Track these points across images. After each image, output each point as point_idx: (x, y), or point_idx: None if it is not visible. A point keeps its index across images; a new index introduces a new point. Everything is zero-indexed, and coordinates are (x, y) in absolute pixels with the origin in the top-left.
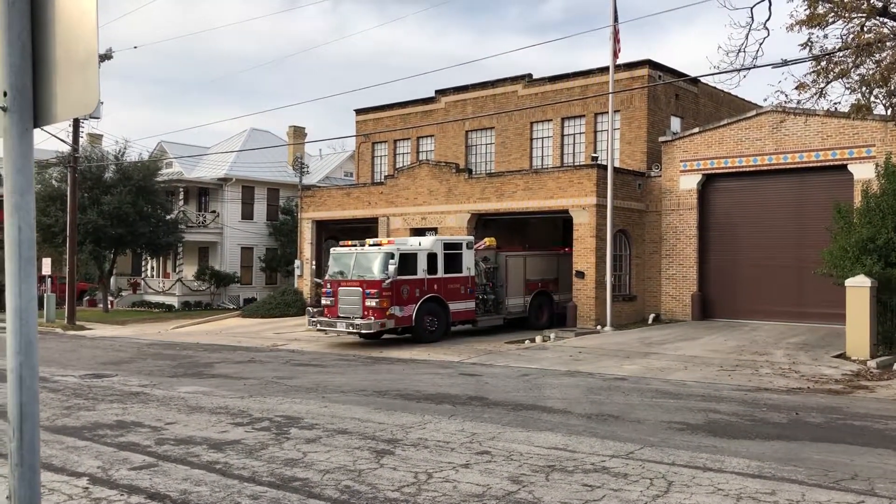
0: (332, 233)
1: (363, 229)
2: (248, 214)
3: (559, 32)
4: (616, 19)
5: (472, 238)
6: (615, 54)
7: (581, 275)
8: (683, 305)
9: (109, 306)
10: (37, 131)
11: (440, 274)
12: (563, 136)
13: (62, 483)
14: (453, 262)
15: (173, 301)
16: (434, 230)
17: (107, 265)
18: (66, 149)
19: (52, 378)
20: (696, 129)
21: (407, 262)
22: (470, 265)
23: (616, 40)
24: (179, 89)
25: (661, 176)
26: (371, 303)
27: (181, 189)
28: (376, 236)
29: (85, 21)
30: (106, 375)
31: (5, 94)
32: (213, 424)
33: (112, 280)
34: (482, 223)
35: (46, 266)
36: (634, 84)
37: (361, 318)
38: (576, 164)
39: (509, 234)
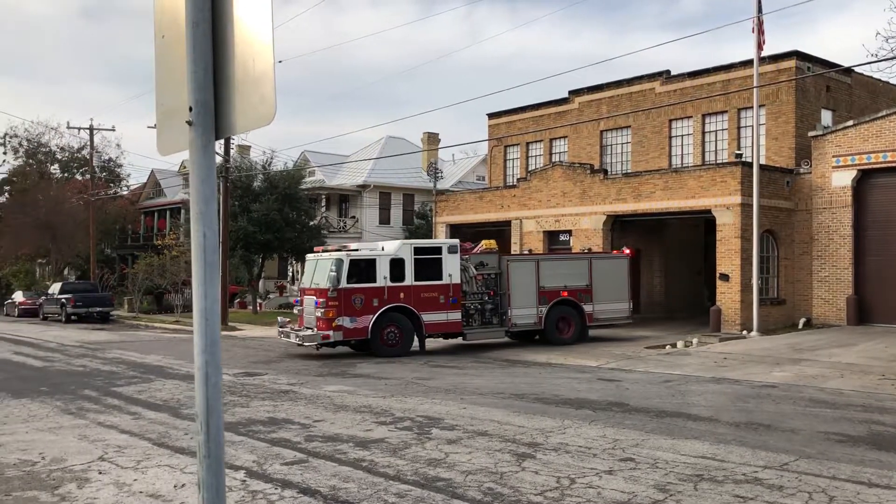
0: (466, 236)
1: (496, 232)
2: (385, 219)
3: (697, 27)
4: (760, 10)
5: (455, 241)
6: (759, 46)
7: (725, 277)
8: (837, 309)
9: (258, 308)
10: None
11: (409, 282)
12: (703, 133)
13: None
14: (429, 268)
15: None
16: (568, 233)
17: (256, 269)
18: (218, 160)
19: None
20: (851, 122)
21: (361, 268)
22: (453, 271)
23: (760, 32)
24: (321, 100)
25: (811, 173)
26: (318, 313)
27: (323, 196)
28: (510, 239)
29: (261, 38)
30: (257, 374)
31: (191, 109)
32: (357, 423)
33: (260, 283)
34: (619, 225)
35: None
36: (781, 77)
37: (314, 329)
38: (718, 161)
39: (647, 236)
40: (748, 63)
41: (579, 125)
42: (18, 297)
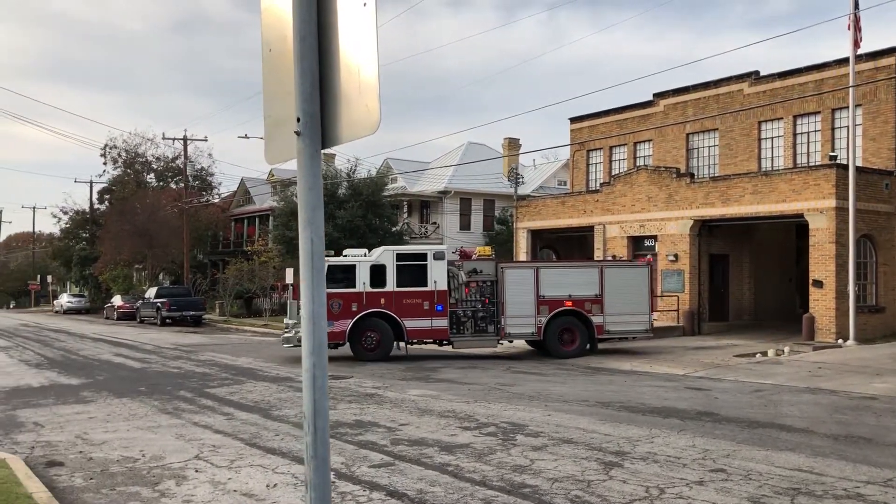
0: (547, 242)
1: (579, 238)
2: (465, 225)
3: (787, 26)
4: (857, 6)
5: (442, 248)
6: (856, 44)
7: (819, 284)
8: None
9: None
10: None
11: (391, 288)
12: (795, 134)
13: None
14: (412, 274)
15: None
16: (653, 238)
17: None
18: None
19: (297, 379)
20: None
21: (339, 274)
22: (439, 278)
23: (857, 29)
24: (403, 107)
25: None
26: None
27: (405, 202)
28: (592, 245)
29: (366, 50)
30: (342, 377)
31: (298, 120)
32: (442, 427)
33: None
34: (706, 229)
35: (289, 275)
36: (879, 75)
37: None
38: (811, 164)
39: (735, 240)
40: (843, 62)
41: (664, 128)
42: (117, 300)
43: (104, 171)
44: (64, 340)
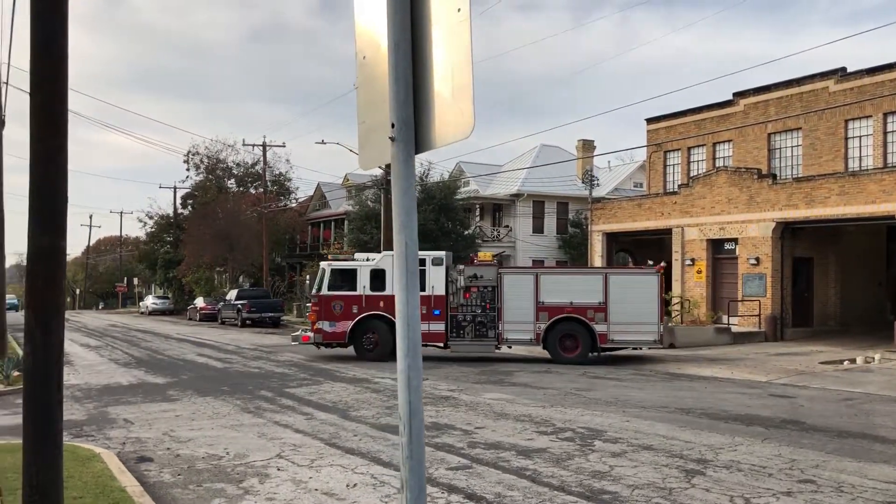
0: (623, 245)
1: (656, 241)
2: (538, 228)
3: (873, 21)
4: None
5: (441, 254)
6: None
7: None
8: None
9: None
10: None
11: (389, 291)
12: (885, 133)
13: (391, 477)
14: None
15: None
16: (734, 241)
17: None
18: (378, 173)
19: (374, 379)
20: None
21: (341, 277)
22: (437, 283)
23: None
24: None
25: None
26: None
27: (477, 205)
28: (670, 248)
29: (461, 54)
30: None
31: (393, 126)
32: (518, 432)
33: None
34: (789, 232)
35: None
36: None
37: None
38: None
39: (820, 243)
40: None
41: (745, 128)
42: (199, 302)
43: (187, 176)
44: (150, 340)
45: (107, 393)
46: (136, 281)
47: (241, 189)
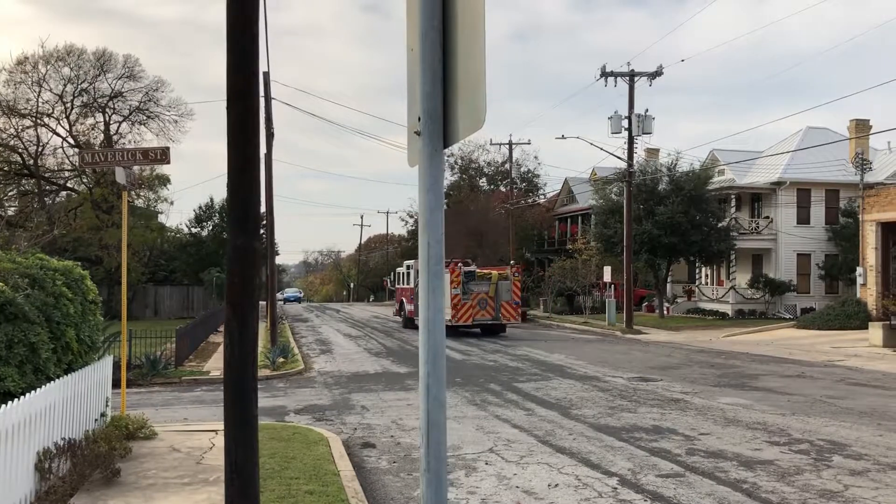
0: None
1: None
2: (803, 219)
3: None
4: None
5: (411, 262)
6: None
7: None
8: None
9: (665, 312)
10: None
11: (402, 285)
12: None
13: (595, 480)
14: (402, 278)
15: (726, 309)
16: None
17: (661, 272)
18: (622, 165)
19: (603, 378)
20: None
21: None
22: (411, 280)
23: None
24: (729, 95)
25: None
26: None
27: (732, 196)
28: None
29: (477, 43)
30: (651, 380)
31: (419, 119)
32: (746, 440)
33: (668, 287)
34: None
35: (607, 274)
36: None
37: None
38: None
39: None
40: None
41: None
42: None
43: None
44: (404, 332)
45: (354, 380)
46: None
47: (491, 187)
